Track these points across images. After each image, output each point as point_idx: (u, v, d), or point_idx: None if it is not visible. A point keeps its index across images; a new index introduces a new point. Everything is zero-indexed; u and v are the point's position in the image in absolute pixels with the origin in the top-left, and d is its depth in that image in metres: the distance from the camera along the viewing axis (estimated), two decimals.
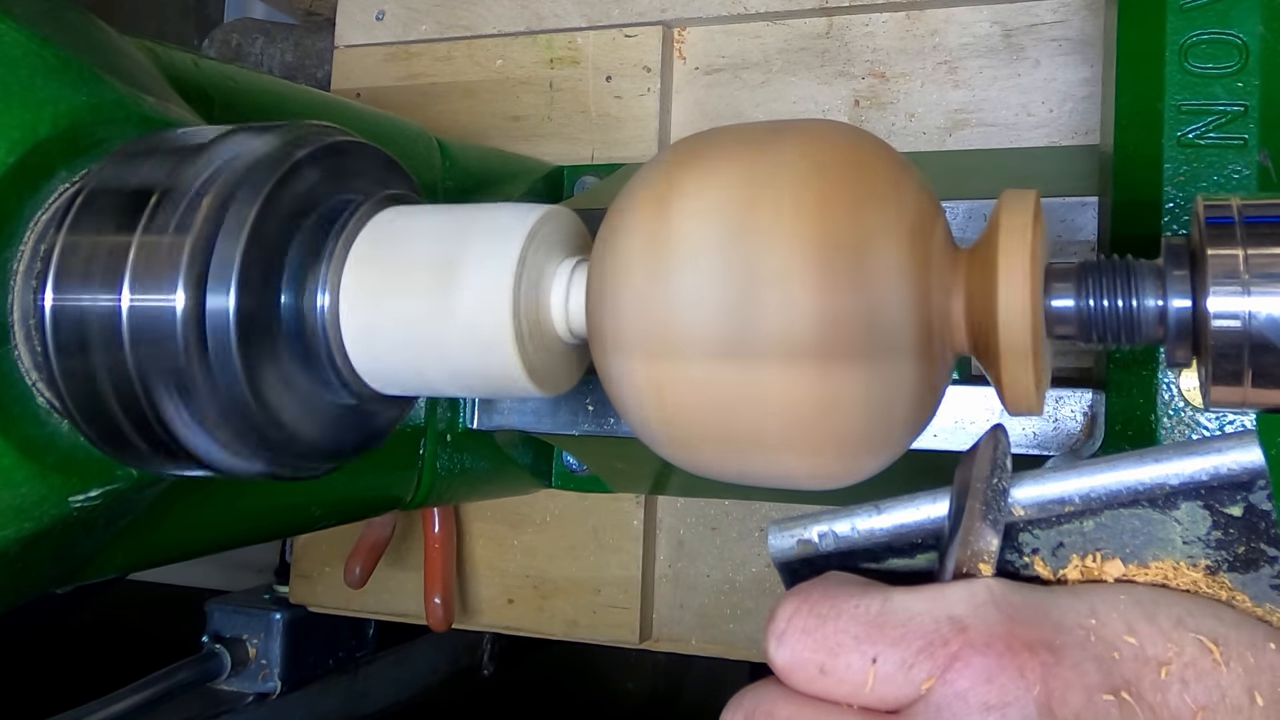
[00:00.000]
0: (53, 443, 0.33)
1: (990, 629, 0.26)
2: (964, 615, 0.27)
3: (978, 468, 0.29)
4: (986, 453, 0.29)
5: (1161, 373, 0.43)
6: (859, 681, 0.27)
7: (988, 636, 0.26)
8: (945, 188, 0.42)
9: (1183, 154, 0.44)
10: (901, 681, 0.27)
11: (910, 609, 0.28)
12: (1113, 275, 0.31)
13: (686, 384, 0.31)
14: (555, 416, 0.59)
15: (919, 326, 0.31)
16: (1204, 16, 0.44)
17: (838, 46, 0.66)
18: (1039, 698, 0.26)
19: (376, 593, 0.72)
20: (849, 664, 0.27)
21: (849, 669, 0.27)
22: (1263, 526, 0.28)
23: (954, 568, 0.28)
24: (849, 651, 0.27)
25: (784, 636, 0.29)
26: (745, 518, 0.67)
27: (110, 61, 0.36)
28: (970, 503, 0.29)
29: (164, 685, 0.71)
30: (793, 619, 0.29)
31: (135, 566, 0.44)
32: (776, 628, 0.29)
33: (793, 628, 0.28)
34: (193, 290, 0.30)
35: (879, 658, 0.27)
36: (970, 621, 0.27)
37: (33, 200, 0.33)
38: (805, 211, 0.30)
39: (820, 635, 0.28)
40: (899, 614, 0.28)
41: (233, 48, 0.86)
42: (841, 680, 0.27)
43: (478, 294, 0.33)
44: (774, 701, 0.28)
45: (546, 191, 0.69)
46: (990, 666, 0.26)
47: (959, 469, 0.30)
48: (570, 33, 0.70)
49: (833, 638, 0.28)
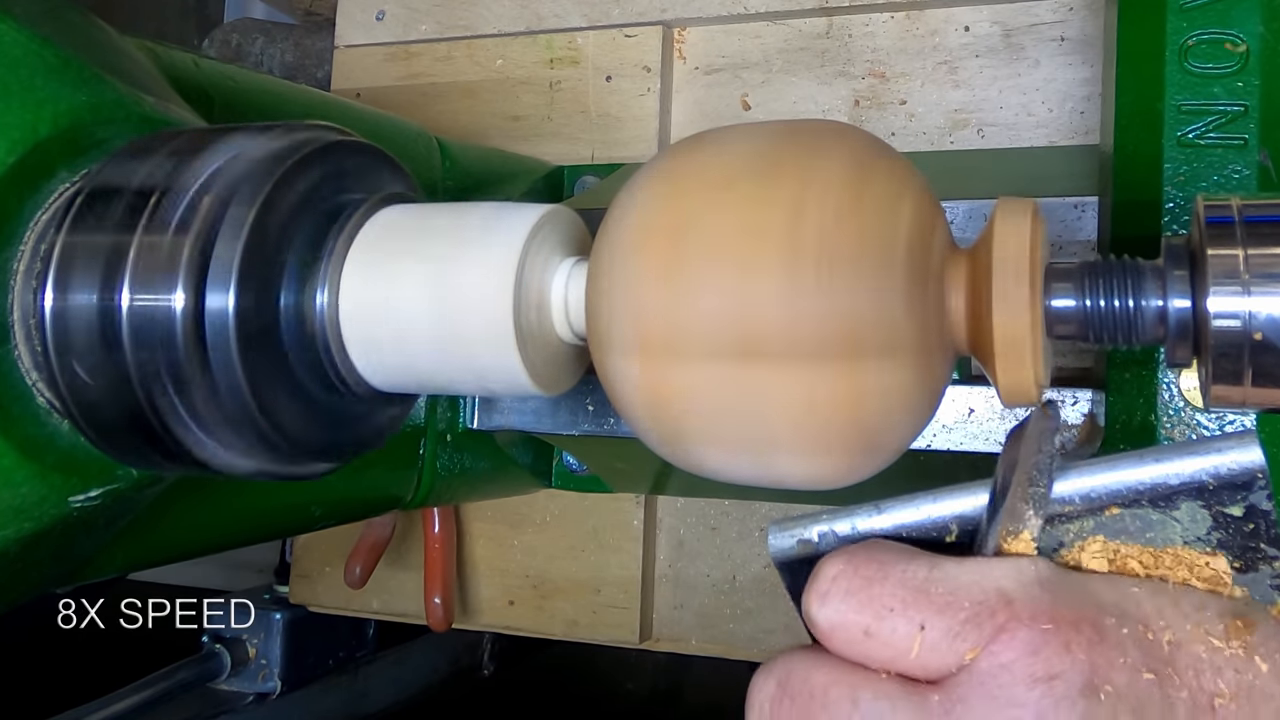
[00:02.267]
0: (53, 443, 0.33)
1: (1036, 604, 0.26)
2: (1011, 589, 0.27)
3: (1026, 443, 0.29)
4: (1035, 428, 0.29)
5: (1161, 373, 0.43)
6: (904, 648, 0.27)
7: (1034, 611, 0.26)
8: (945, 188, 0.42)
9: (1183, 154, 0.44)
10: (945, 650, 0.27)
11: (957, 579, 0.27)
12: (1113, 275, 0.31)
13: (686, 384, 0.31)
14: (555, 416, 0.59)
15: (918, 326, 0.31)
16: (1204, 16, 0.44)
17: (838, 46, 0.66)
18: (1084, 673, 0.26)
19: (376, 593, 0.72)
20: (894, 628, 0.27)
21: (894, 633, 0.27)
22: (1263, 526, 0.28)
23: (996, 543, 0.28)
24: (896, 616, 0.27)
25: (828, 596, 0.28)
26: (745, 518, 0.67)
27: (110, 61, 0.36)
28: (1017, 476, 0.28)
29: (164, 685, 0.71)
30: (837, 579, 0.28)
31: (135, 566, 0.44)
32: (820, 587, 0.28)
33: (837, 588, 0.28)
34: (192, 290, 0.30)
35: (926, 624, 0.27)
36: (1017, 595, 0.27)
37: (33, 200, 0.33)
38: (805, 212, 0.30)
39: (866, 597, 0.28)
40: (947, 582, 0.27)
41: (233, 48, 0.86)
42: (886, 644, 0.27)
43: (478, 294, 0.33)
44: (809, 668, 0.28)
45: (546, 191, 0.69)
46: (1036, 640, 0.26)
47: (1007, 443, 0.30)
48: (570, 33, 0.70)
49: (879, 600, 0.27)
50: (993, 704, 0.26)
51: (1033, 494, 0.28)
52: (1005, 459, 0.30)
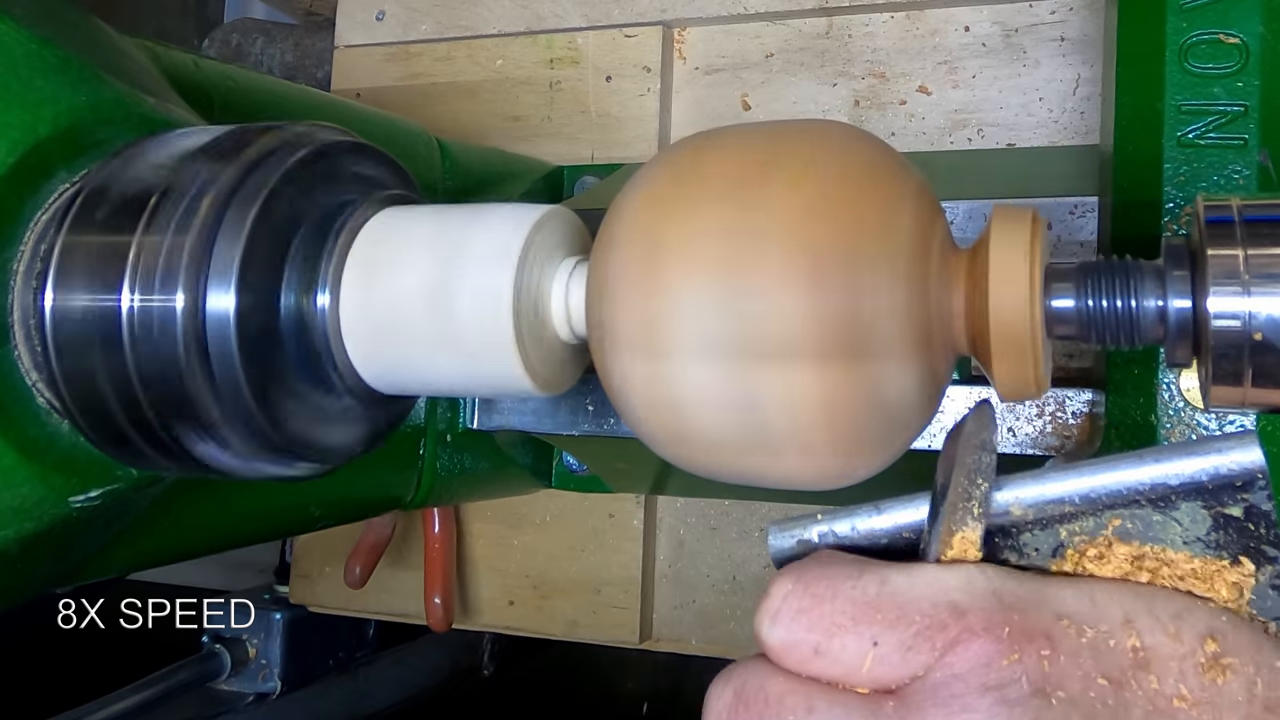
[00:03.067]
0: (53, 443, 0.33)
1: (989, 615, 0.27)
2: (962, 601, 0.27)
3: (964, 441, 0.29)
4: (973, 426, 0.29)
5: (1161, 373, 0.43)
6: (855, 664, 0.27)
7: (986, 622, 0.26)
8: (945, 188, 0.42)
9: (1183, 154, 0.44)
10: (897, 663, 0.27)
11: (908, 592, 0.27)
12: (1113, 276, 0.31)
13: (686, 384, 0.31)
14: (555, 416, 0.59)
15: (918, 326, 0.31)
16: (1204, 16, 0.44)
17: (838, 46, 0.66)
18: (1035, 679, 0.26)
19: (376, 593, 0.72)
20: (845, 645, 0.27)
21: (844, 650, 0.27)
22: (1263, 527, 0.28)
23: (938, 546, 0.28)
24: (846, 633, 0.27)
25: (778, 616, 0.28)
26: (745, 518, 0.67)
27: (110, 61, 0.36)
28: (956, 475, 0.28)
29: (164, 685, 0.71)
30: (787, 599, 0.28)
31: (135, 566, 0.44)
32: (770, 606, 0.28)
33: (787, 607, 0.28)
34: (193, 290, 0.30)
35: (878, 640, 0.27)
36: (968, 607, 0.27)
37: (33, 200, 0.33)
38: (804, 212, 0.30)
39: (816, 615, 0.28)
40: (897, 597, 0.27)
41: (233, 48, 0.86)
42: (836, 661, 0.27)
43: (478, 294, 0.33)
44: (765, 677, 0.28)
45: (546, 191, 0.69)
46: (988, 651, 0.26)
47: (946, 443, 0.30)
48: (570, 33, 0.70)
49: (829, 618, 0.28)
50: (945, 711, 0.26)
51: (972, 494, 0.28)
52: (944, 459, 0.29)
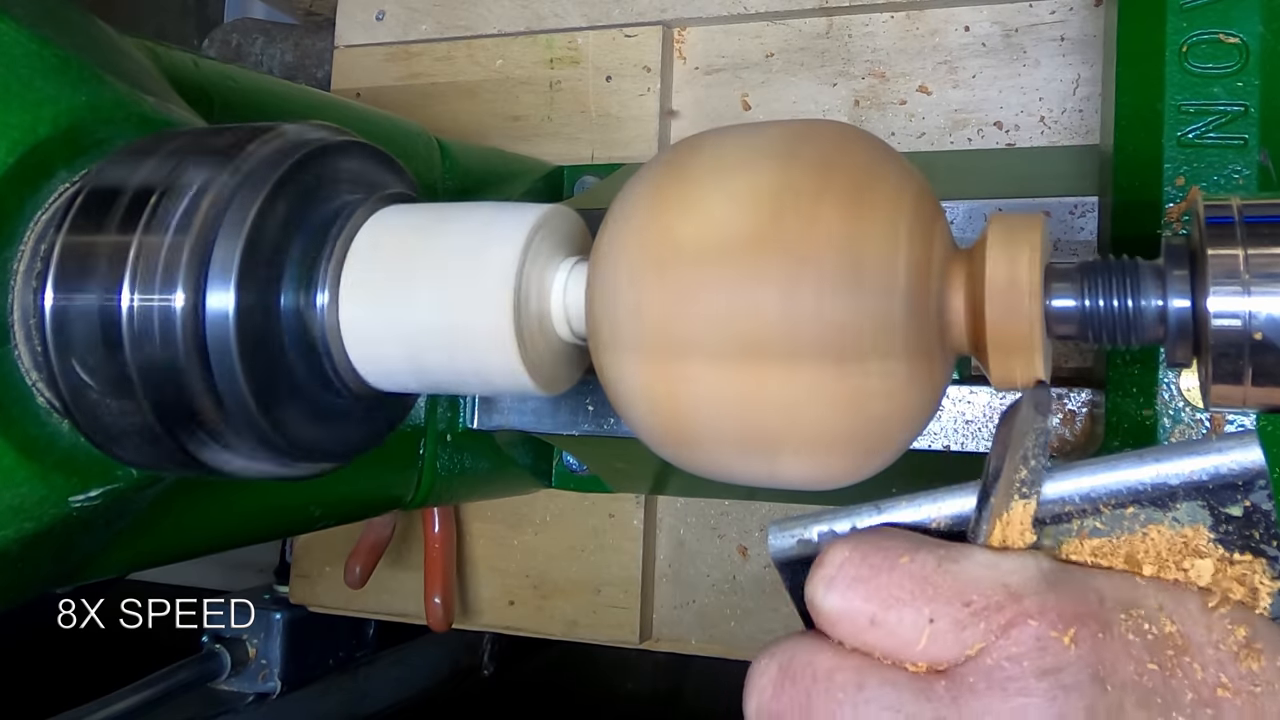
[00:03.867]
0: (53, 443, 0.33)
1: (1043, 599, 0.27)
2: (1017, 584, 0.27)
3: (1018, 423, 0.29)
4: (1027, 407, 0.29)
5: (1161, 373, 0.43)
6: (910, 638, 0.27)
7: (1041, 606, 0.26)
8: (945, 188, 0.42)
9: (1183, 154, 0.44)
10: (951, 642, 0.27)
11: (965, 572, 0.27)
12: (1112, 275, 0.31)
13: (686, 384, 0.31)
14: (555, 416, 0.59)
15: (918, 326, 0.31)
16: (1204, 16, 0.44)
17: (838, 46, 0.66)
18: (1091, 664, 0.26)
19: (376, 593, 0.72)
20: (901, 619, 0.27)
21: (901, 623, 0.27)
22: (1263, 526, 0.28)
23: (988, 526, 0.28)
24: (904, 606, 0.27)
25: (834, 582, 0.28)
26: (745, 518, 0.67)
27: (110, 61, 0.36)
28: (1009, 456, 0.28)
29: (164, 685, 0.71)
30: (844, 566, 0.28)
31: (135, 566, 0.44)
32: (826, 573, 0.28)
33: (844, 575, 0.28)
34: (193, 290, 0.30)
35: (935, 616, 0.27)
36: (1023, 591, 0.27)
37: (33, 200, 0.33)
38: (804, 212, 0.30)
39: (874, 586, 0.27)
40: (954, 575, 0.27)
41: (233, 48, 0.86)
42: (892, 634, 0.27)
43: (478, 293, 0.33)
44: (814, 652, 0.28)
45: (546, 191, 0.69)
46: (1044, 634, 0.26)
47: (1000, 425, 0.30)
48: (570, 33, 0.70)
49: (886, 589, 0.27)
50: (1001, 694, 0.26)
51: (1026, 474, 0.28)
52: (998, 441, 0.29)
